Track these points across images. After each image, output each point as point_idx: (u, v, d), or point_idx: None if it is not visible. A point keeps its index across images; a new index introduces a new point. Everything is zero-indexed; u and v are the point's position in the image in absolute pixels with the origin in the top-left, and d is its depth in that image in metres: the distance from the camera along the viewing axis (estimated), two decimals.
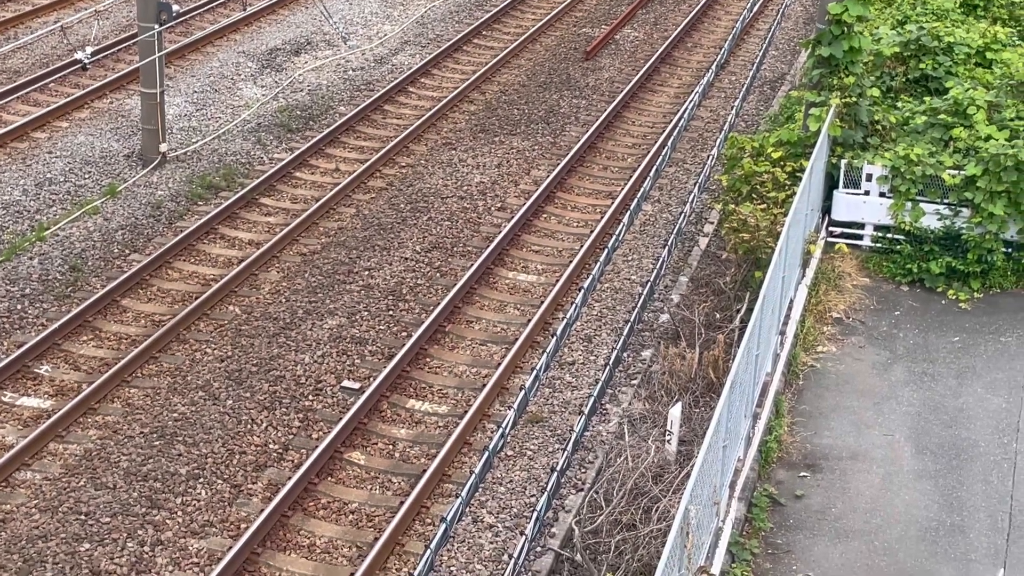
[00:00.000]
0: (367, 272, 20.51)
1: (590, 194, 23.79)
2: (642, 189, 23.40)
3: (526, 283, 20.62)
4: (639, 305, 19.60)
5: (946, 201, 20.01)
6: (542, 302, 19.79)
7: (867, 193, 20.58)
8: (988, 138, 19.99)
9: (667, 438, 15.40)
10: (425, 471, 15.86)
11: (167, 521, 15.02)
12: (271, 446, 16.41)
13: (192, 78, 27.27)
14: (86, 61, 22.36)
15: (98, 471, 15.75)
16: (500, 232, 21.70)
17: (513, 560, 14.22)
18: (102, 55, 26.49)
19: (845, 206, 20.80)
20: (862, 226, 20.82)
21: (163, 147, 23.44)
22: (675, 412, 15.32)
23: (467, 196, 23.27)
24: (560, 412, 17.31)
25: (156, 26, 22.48)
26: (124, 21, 30.15)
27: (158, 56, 22.77)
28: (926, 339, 18.57)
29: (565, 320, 19.11)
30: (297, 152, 24.27)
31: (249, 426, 16.73)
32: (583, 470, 16.09)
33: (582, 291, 19.81)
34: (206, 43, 29.26)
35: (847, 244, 20.63)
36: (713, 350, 17.34)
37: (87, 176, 22.85)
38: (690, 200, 22.95)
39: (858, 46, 20.98)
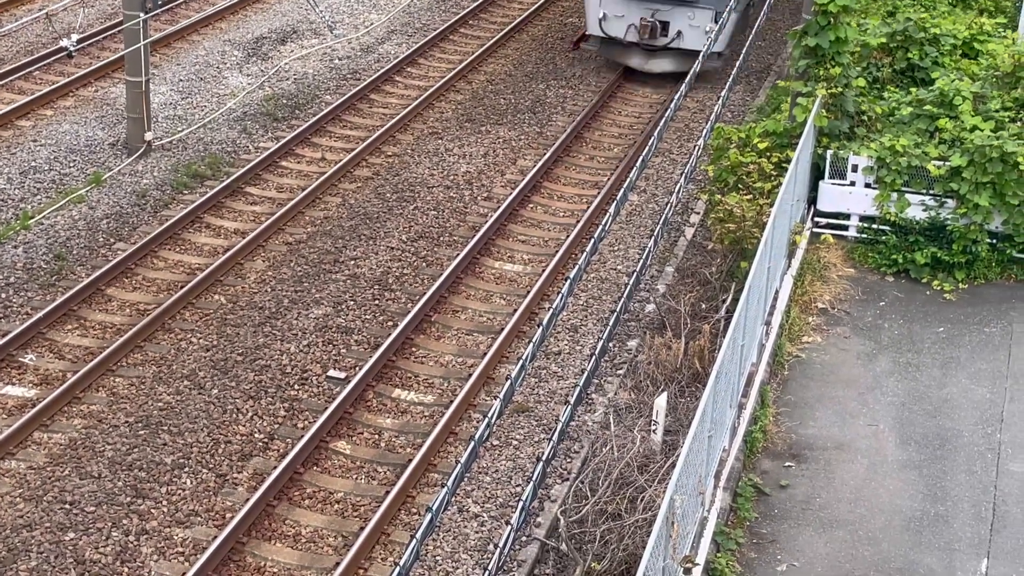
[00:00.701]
0: (353, 261, 20.48)
1: (576, 184, 23.78)
2: (628, 179, 23.39)
3: (512, 273, 20.61)
4: (625, 295, 19.61)
5: (931, 192, 20.05)
6: (528, 292, 19.79)
7: (853, 184, 20.62)
8: (974, 129, 20.03)
9: (653, 428, 15.42)
10: (411, 461, 15.86)
11: (152, 510, 15.00)
12: (256, 435, 16.40)
13: (178, 66, 27.19)
14: (71, 49, 22.26)
15: (83, 460, 15.72)
16: (486, 222, 21.69)
17: (498, 550, 14.22)
18: (87, 43, 26.39)
19: (831, 196, 20.84)
20: (848, 216, 20.87)
21: (148, 136, 23.37)
22: (661, 402, 15.34)
23: (453, 185, 23.25)
24: (546, 402, 17.32)
25: (141, 14, 22.39)
26: (109, 9, 30.03)
27: (143, 44, 22.68)
28: (911, 330, 18.62)
29: (551, 310, 19.10)
30: (283, 141, 24.22)
31: (234, 415, 16.71)
32: (569, 460, 16.10)
33: (568, 281, 19.80)
34: (192, 31, 29.16)
35: (832, 235, 20.67)
36: (699, 340, 17.37)
37: (72, 164, 22.77)
38: (676, 190, 22.94)
39: (844, 36, 21.00)
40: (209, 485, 15.47)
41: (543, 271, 20.40)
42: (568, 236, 21.49)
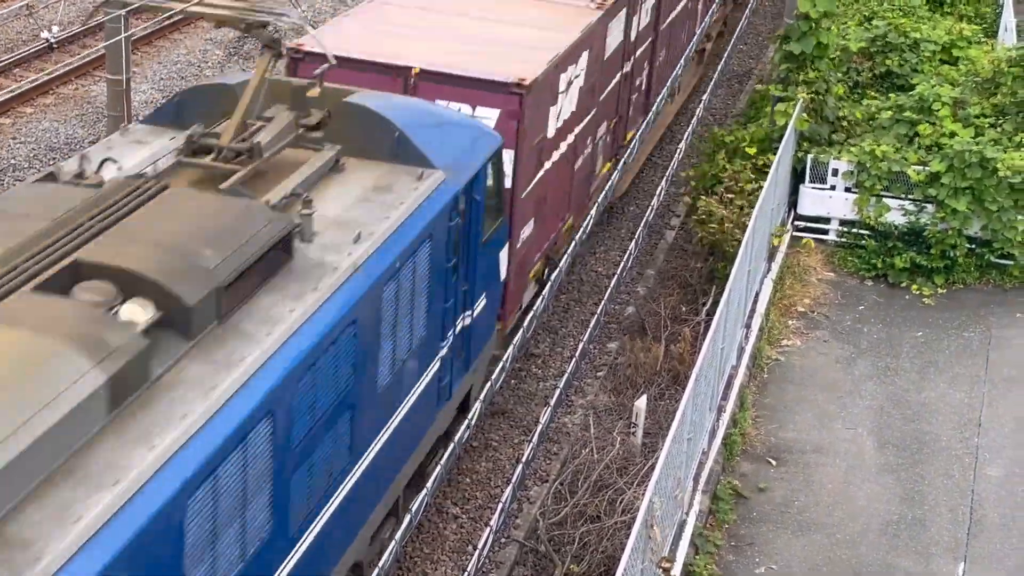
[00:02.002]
0: None
1: None
2: (610, 182, 23.42)
3: None
4: (605, 298, 19.62)
5: (911, 197, 20.13)
6: None
7: (833, 188, 20.70)
8: (953, 135, 20.12)
9: (632, 430, 15.44)
10: None
11: None
12: None
13: (159, 65, 27.10)
14: (52, 40, 22.08)
15: None
16: None
17: (477, 551, 14.22)
18: (68, 36, 26.28)
19: (811, 200, 20.90)
20: (828, 221, 20.94)
21: None
22: (640, 404, 15.36)
23: None
24: (526, 403, 17.31)
25: (122, 10, 22.26)
26: (91, 6, 29.91)
27: (124, 36, 22.55)
28: (890, 334, 18.68)
29: (532, 312, 19.10)
30: None
31: None
32: (548, 461, 16.10)
33: (549, 283, 19.82)
34: (173, 30, 29.06)
35: (813, 238, 20.74)
36: (678, 343, 17.40)
37: (52, 163, 22.66)
38: (658, 193, 22.98)
39: (825, 42, 21.08)
40: None
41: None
42: None
